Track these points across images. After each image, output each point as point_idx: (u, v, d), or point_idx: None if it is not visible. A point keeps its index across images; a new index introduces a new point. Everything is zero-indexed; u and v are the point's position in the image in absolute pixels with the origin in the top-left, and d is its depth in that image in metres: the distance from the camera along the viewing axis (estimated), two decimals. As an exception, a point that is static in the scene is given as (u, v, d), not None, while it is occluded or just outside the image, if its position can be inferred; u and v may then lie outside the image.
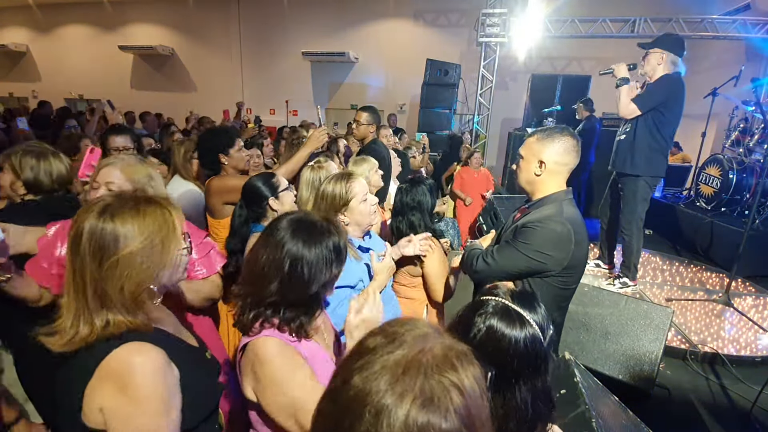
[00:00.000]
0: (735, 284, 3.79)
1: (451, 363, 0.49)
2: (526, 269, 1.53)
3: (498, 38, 7.35)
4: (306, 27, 10.81)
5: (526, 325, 0.83)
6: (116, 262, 0.81)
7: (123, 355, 0.81)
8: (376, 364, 0.49)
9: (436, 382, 0.46)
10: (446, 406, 0.45)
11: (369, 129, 3.15)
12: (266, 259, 0.99)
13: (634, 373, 2.42)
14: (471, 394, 0.47)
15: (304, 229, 1.02)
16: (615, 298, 2.67)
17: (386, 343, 0.51)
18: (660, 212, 5.47)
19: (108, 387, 0.79)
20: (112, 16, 12.22)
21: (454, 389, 0.47)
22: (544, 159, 1.56)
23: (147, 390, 0.79)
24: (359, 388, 0.48)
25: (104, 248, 0.81)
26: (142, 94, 12.22)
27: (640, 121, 3.18)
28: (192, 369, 0.93)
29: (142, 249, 0.83)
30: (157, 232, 0.86)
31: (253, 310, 1.01)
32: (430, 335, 0.52)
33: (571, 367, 1.61)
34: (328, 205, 1.62)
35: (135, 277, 0.83)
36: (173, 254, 0.89)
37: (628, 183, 3.34)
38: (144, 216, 0.85)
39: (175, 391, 0.86)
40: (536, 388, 0.82)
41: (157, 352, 0.84)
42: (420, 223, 1.97)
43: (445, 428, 0.45)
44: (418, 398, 0.45)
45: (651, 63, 3.16)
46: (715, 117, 5.61)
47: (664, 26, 6.81)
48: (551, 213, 1.52)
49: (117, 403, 0.79)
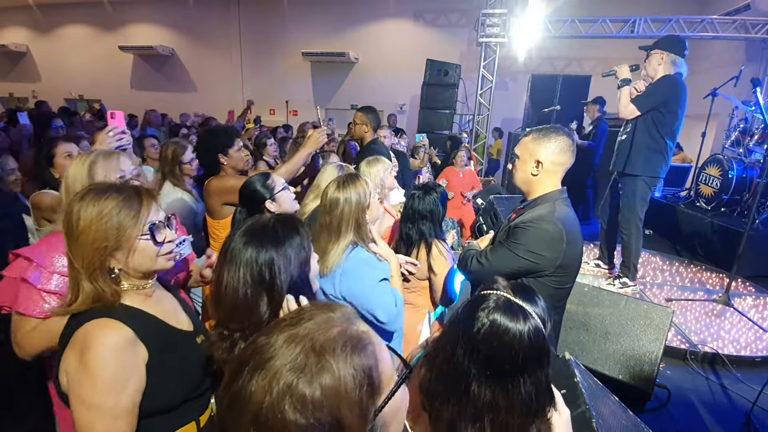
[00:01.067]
0: (735, 284, 3.79)
1: (334, 347, 0.51)
2: (519, 269, 1.53)
3: (498, 38, 7.35)
4: (306, 27, 10.81)
5: (528, 318, 0.83)
6: (77, 237, 0.92)
7: (89, 328, 0.89)
8: (276, 331, 0.53)
9: (314, 356, 0.50)
10: (312, 378, 0.48)
11: (363, 129, 3.16)
12: (245, 283, 0.94)
13: (634, 373, 2.42)
14: (343, 378, 0.50)
15: (258, 234, 0.99)
16: (615, 298, 2.67)
17: (294, 316, 0.56)
18: (660, 212, 5.47)
19: (72, 354, 0.88)
20: (112, 17, 12.23)
21: (328, 368, 0.49)
22: (540, 159, 1.56)
23: (99, 363, 0.86)
24: (258, 345, 0.53)
25: (70, 224, 0.93)
26: (142, 95, 12.23)
27: (639, 122, 3.20)
28: (170, 351, 0.98)
29: (95, 229, 0.92)
30: (114, 214, 0.93)
31: (247, 341, 0.96)
32: (337, 319, 0.56)
33: (571, 367, 1.61)
34: (354, 208, 1.58)
35: (88, 253, 0.92)
36: (129, 238, 0.95)
37: (627, 183, 3.35)
38: (105, 199, 0.94)
39: (133, 371, 0.90)
40: (540, 380, 0.83)
41: (122, 330, 0.91)
42: (430, 232, 1.97)
43: (305, 393, 0.47)
44: (290, 363, 0.49)
45: (652, 64, 3.17)
46: (715, 117, 5.62)
47: (664, 26, 6.82)
48: (543, 213, 1.53)
49: (75, 370, 0.87)
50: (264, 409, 0.47)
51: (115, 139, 1.83)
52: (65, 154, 1.94)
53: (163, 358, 0.95)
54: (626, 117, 3.22)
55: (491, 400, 0.81)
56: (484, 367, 0.82)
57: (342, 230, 1.57)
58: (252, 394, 0.48)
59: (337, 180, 1.65)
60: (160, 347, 0.95)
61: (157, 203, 1.03)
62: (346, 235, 1.58)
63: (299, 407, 0.47)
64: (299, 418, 0.46)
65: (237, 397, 0.49)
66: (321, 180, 2.16)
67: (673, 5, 7.94)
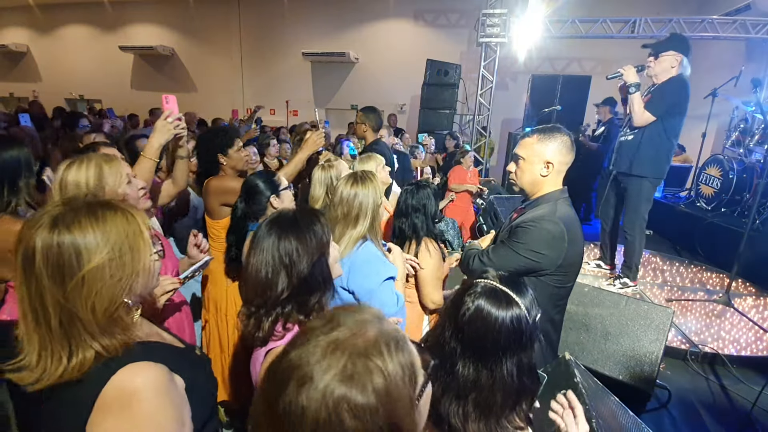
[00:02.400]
0: (735, 284, 3.79)
1: (379, 347, 0.51)
2: (521, 268, 1.54)
3: (498, 38, 7.34)
4: (306, 27, 10.81)
5: (512, 304, 0.89)
6: (82, 279, 0.70)
7: (122, 381, 0.73)
8: (312, 341, 0.52)
9: (361, 362, 0.49)
10: (365, 383, 0.48)
11: (362, 128, 3.20)
12: (266, 264, 1.03)
13: (634, 373, 2.42)
14: (394, 377, 0.50)
15: (287, 223, 1.08)
16: (615, 298, 2.67)
17: (325, 324, 0.55)
18: (660, 212, 5.46)
19: (111, 418, 0.71)
20: (113, 17, 12.23)
21: (378, 371, 0.49)
22: (551, 160, 1.56)
23: (156, 412, 0.73)
24: (292, 361, 0.51)
25: (65, 266, 0.70)
26: (142, 95, 12.23)
27: (650, 123, 3.15)
28: (192, 373, 0.89)
29: (110, 260, 0.73)
30: (124, 238, 0.75)
31: (270, 316, 1.04)
32: (370, 322, 0.55)
33: (572, 367, 1.61)
34: (371, 204, 1.63)
35: (106, 292, 0.73)
36: (145, 260, 0.80)
37: (632, 183, 3.32)
38: (105, 222, 0.74)
39: (182, 403, 0.82)
40: (522, 362, 0.88)
41: (157, 368, 0.78)
42: (423, 225, 1.98)
43: (361, 402, 0.47)
44: (339, 374, 0.48)
45: (663, 65, 3.08)
46: (715, 117, 5.61)
47: (664, 26, 6.81)
48: (545, 212, 1.53)
49: (124, 428, 0.71)
50: (323, 422, 0.46)
51: (173, 125, 1.76)
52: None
53: (192, 383, 0.87)
54: (642, 124, 3.13)
55: (475, 379, 0.87)
56: (469, 347, 0.88)
57: (359, 221, 1.63)
58: (305, 408, 0.47)
59: (351, 176, 1.68)
60: (185, 372, 0.86)
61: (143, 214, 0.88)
62: (361, 227, 1.63)
63: (359, 414, 0.47)
64: (359, 425, 0.47)
65: (287, 413, 0.48)
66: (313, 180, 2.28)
67: (673, 5, 7.94)
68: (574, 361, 1.65)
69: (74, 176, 1.29)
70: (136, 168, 1.77)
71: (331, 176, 2.22)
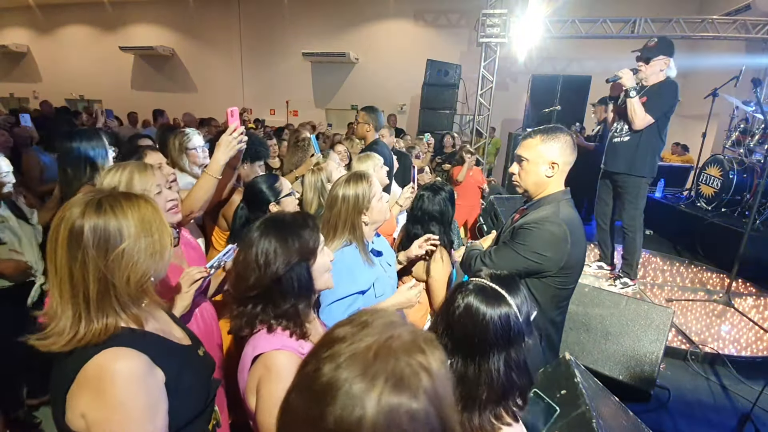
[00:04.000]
0: (735, 285, 3.79)
1: (419, 347, 0.51)
2: (523, 270, 1.53)
3: (498, 39, 7.35)
4: (306, 27, 10.82)
5: (501, 301, 0.91)
6: (122, 252, 0.84)
7: (102, 362, 0.80)
8: (347, 351, 0.50)
9: (405, 364, 0.48)
10: (416, 386, 0.47)
11: (365, 128, 3.19)
12: (243, 259, 1.06)
13: (634, 373, 2.42)
14: (438, 375, 0.50)
15: (275, 223, 1.09)
16: (615, 298, 2.67)
17: (356, 331, 0.53)
18: (660, 212, 5.47)
19: (87, 394, 0.79)
20: (113, 17, 12.24)
21: (423, 371, 0.49)
22: (556, 160, 1.55)
23: (127, 397, 0.79)
24: (330, 375, 0.49)
25: (109, 240, 0.83)
26: (142, 95, 12.24)
27: (648, 125, 3.22)
28: (180, 369, 0.93)
29: (144, 237, 0.87)
30: (153, 221, 0.89)
31: (238, 309, 1.06)
32: (397, 323, 0.55)
33: (572, 367, 1.61)
34: (351, 207, 1.56)
35: (141, 265, 0.86)
36: (167, 242, 0.92)
37: (630, 183, 3.37)
38: (138, 207, 0.88)
39: (159, 395, 0.85)
40: (510, 358, 0.90)
41: (137, 357, 0.83)
42: (440, 235, 1.91)
43: (415, 408, 0.47)
44: (390, 380, 0.47)
45: (654, 69, 3.18)
46: (715, 117, 5.61)
47: (664, 26, 6.82)
48: (547, 214, 1.53)
49: (97, 411, 0.78)
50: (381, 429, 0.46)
51: (238, 141, 1.72)
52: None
53: (177, 379, 0.91)
54: (642, 127, 3.20)
55: (463, 373, 0.89)
56: (458, 343, 0.90)
57: (338, 229, 1.57)
58: (362, 418, 0.46)
59: (344, 177, 1.65)
60: (172, 368, 0.91)
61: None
62: (341, 235, 1.57)
63: (413, 418, 0.46)
64: (416, 427, 0.47)
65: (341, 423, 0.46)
66: (304, 185, 2.28)
67: (673, 5, 7.94)
68: (575, 361, 1.65)
69: (108, 180, 1.38)
70: (197, 185, 1.74)
71: (321, 179, 2.19)
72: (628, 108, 3.18)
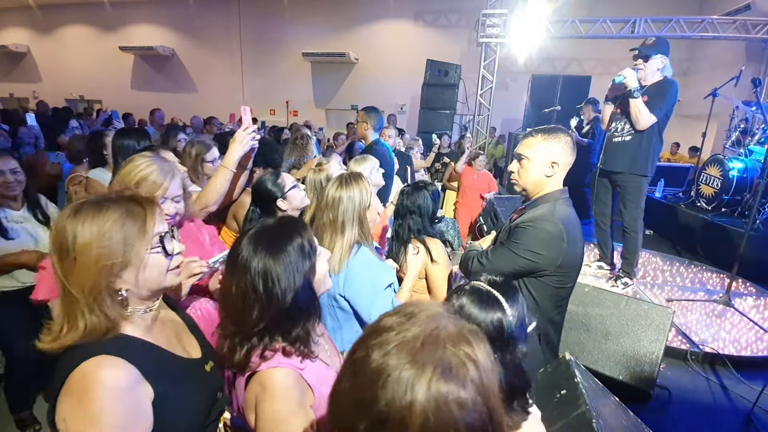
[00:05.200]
0: (735, 284, 3.78)
1: (465, 338, 0.53)
2: (520, 269, 1.53)
3: (498, 39, 7.35)
4: (306, 27, 10.82)
5: (495, 306, 0.91)
6: (74, 260, 0.80)
7: (87, 370, 0.78)
8: (395, 339, 0.52)
9: (452, 354, 0.50)
10: (464, 376, 0.49)
11: (363, 127, 3.19)
12: (237, 288, 0.92)
13: (634, 373, 2.42)
14: (484, 366, 0.51)
15: (263, 239, 0.95)
16: (615, 298, 2.67)
17: (403, 321, 0.55)
18: (660, 212, 5.47)
19: (68, 401, 0.77)
20: (113, 17, 12.25)
21: (470, 362, 0.50)
22: (556, 159, 1.55)
23: (104, 410, 0.76)
24: (380, 361, 0.51)
25: (64, 246, 0.80)
26: (142, 95, 12.24)
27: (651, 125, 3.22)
28: (174, 385, 0.88)
29: (98, 247, 0.81)
30: (119, 229, 0.83)
31: (245, 345, 0.94)
32: (443, 315, 0.56)
33: (572, 367, 1.61)
34: (357, 205, 1.58)
35: (92, 275, 0.81)
36: (138, 252, 0.85)
37: (631, 182, 3.37)
38: (105, 213, 0.83)
39: (139, 412, 0.81)
40: (505, 360, 0.89)
41: (124, 368, 0.80)
42: (418, 227, 1.96)
43: (464, 397, 0.48)
44: (438, 368, 0.49)
45: (652, 68, 3.18)
46: (715, 117, 5.61)
47: (664, 26, 6.82)
48: (543, 213, 1.53)
49: (75, 419, 0.76)
50: (431, 416, 0.47)
51: (251, 137, 1.79)
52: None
53: (169, 395, 0.86)
54: (645, 127, 3.19)
55: None
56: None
57: (346, 228, 1.57)
58: (413, 403, 0.48)
59: (338, 179, 1.65)
60: (166, 383, 0.85)
61: (161, 211, 0.92)
62: (350, 234, 1.57)
63: (464, 405, 0.48)
64: (465, 415, 0.48)
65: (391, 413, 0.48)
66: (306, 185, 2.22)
67: (673, 5, 7.95)
68: (575, 361, 1.65)
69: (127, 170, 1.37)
70: (214, 178, 1.79)
71: (321, 180, 2.18)
72: (632, 108, 3.16)
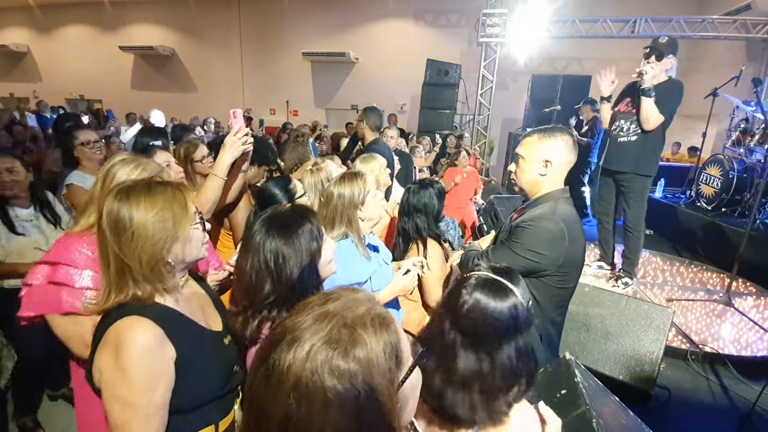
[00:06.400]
0: (736, 284, 3.78)
1: (365, 322, 0.55)
2: (522, 269, 1.52)
3: (498, 38, 7.35)
4: (306, 27, 10.82)
5: (507, 293, 0.92)
6: (131, 235, 0.92)
7: (120, 328, 0.90)
8: (307, 311, 0.57)
9: (347, 331, 0.53)
10: (347, 350, 0.52)
11: (361, 126, 3.22)
12: (251, 265, 1.03)
13: (634, 373, 2.42)
14: (375, 351, 0.53)
15: (276, 224, 1.07)
16: (615, 298, 2.67)
17: (322, 298, 0.60)
18: (661, 212, 5.47)
19: (105, 353, 0.89)
20: (113, 17, 12.25)
21: (361, 342, 0.53)
22: (550, 159, 1.55)
23: (132, 362, 0.86)
24: (286, 326, 0.56)
25: (119, 224, 0.92)
26: (142, 95, 12.24)
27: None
28: (194, 349, 0.97)
29: (153, 222, 0.93)
30: (168, 207, 0.95)
31: (257, 318, 1.04)
32: (363, 300, 0.59)
33: (572, 367, 1.60)
34: (347, 202, 1.63)
35: (150, 248, 0.93)
36: (185, 228, 0.97)
37: (635, 182, 3.37)
38: (155, 194, 0.95)
39: (163, 370, 0.91)
40: (519, 345, 0.91)
41: (153, 328, 0.91)
42: (424, 225, 1.97)
43: (341, 366, 0.51)
44: (325, 337, 0.53)
45: (664, 66, 3.17)
46: (715, 117, 5.61)
47: (664, 26, 6.82)
48: (544, 212, 1.52)
49: (108, 368, 0.88)
50: (304, 378, 0.50)
51: (242, 141, 1.71)
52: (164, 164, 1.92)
53: (190, 359, 0.96)
54: (654, 126, 3.17)
55: (477, 368, 0.89)
56: (468, 337, 0.90)
57: (335, 223, 1.63)
58: (291, 365, 0.51)
59: (339, 176, 1.69)
60: (188, 347, 0.96)
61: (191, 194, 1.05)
62: (338, 228, 1.63)
63: (338, 376, 0.51)
64: (337, 384, 0.50)
65: (274, 368, 0.52)
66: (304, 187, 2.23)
67: (673, 5, 7.94)
68: (575, 361, 1.65)
69: (120, 174, 1.35)
70: (204, 186, 1.72)
71: (321, 180, 2.18)
72: (643, 107, 3.12)
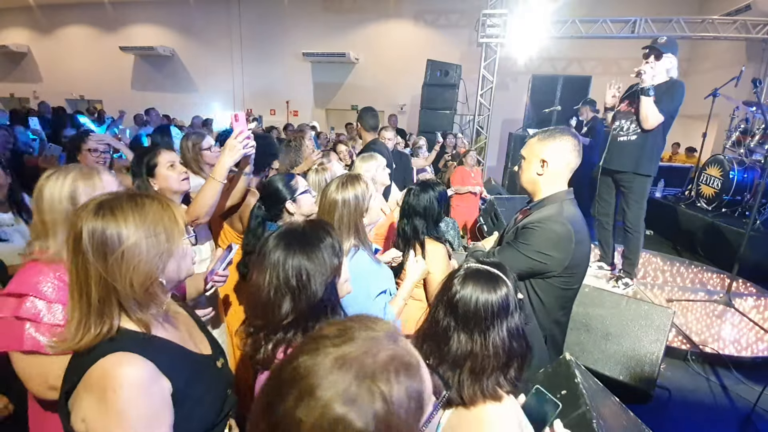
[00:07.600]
0: (736, 285, 3.78)
1: (388, 372, 0.50)
2: (528, 270, 1.52)
3: (498, 39, 7.35)
4: (306, 27, 10.82)
5: (498, 282, 0.97)
6: (121, 255, 0.80)
7: (106, 367, 0.78)
8: (323, 351, 0.51)
9: (366, 385, 0.48)
10: (366, 408, 0.47)
11: (358, 126, 3.26)
12: (269, 283, 0.94)
13: (634, 374, 2.41)
14: (397, 406, 0.49)
15: (294, 239, 0.98)
16: (616, 298, 2.67)
17: (338, 334, 0.54)
18: (661, 213, 5.47)
19: (89, 398, 0.77)
20: (113, 17, 12.24)
21: (380, 398, 0.48)
22: (546, 158, 1.56)
23: (128, 406, 0.76)
24: (301, 366, 0.51)
25: (107, 243, 0.79)
26: (142, 95, 12.23)
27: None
28: (190, 379, 0.89)
29: (147, 239, 0.82)
30: (159, 221, 0.85)
31: (270, 341, 0.95)
32: (382, 339, 0.54)
33: (572, 367, 1.61)
34: (353, 210, 1.56)
35: (143, 267, 0.82)
36: (178, 242, 0.88)
37: (636, 182, 3.36)
38: (142, 207, 0.84)
39: (162, 406, 0.82)
40: (510, 327, 0.96)
41: (143, 364, 0.81)
42: (423, 229, 1.96)
43: (358, 427, 0.46)
44: (342, 393, 0.47)
45: (661, 67, 3.16)
46: (715, 117, 5.61)
47: (664, 26, 6.82)
48: (551, 213, 1.52)
49: (97, 417, 0.76)
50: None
51: (243, 145, 1.68)
52: (168, 164, 1.83)
53: (186, 390, 0.87)
54: (654, 126, 3.17)
55: (470, 349, 0.94)
56: (463, 322, 0.96)
57: (342, 233, 1.54)
58: (302, 422, 0.47)
59: (337, 180, 1.62)
60: (183, 378, 0.87)
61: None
62: (347, 239, 1.55)
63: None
64: None
65: (283, 422, 0.48)
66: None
67: (673, 5, 7.94)
68: (575, 362, 1.65)
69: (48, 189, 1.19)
70: (202, 190, 1.69)
71: (325, 179, 2.18)
72: (642, 106, 3.12)
